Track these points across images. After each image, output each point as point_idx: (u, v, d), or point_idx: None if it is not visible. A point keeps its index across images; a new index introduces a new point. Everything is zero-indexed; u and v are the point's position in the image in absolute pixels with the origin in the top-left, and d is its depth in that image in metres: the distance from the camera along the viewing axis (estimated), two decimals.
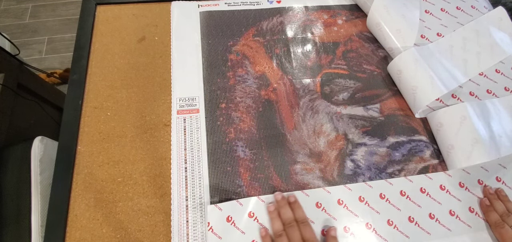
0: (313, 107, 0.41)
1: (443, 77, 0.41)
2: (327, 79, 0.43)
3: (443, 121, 0.38)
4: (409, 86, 0.40)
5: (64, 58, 1.21)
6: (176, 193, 0.34)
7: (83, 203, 0.34)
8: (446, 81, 0.40)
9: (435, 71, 0.40)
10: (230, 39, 0.45)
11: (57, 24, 1.29)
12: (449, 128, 0.37)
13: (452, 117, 0.37)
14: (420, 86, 0.39)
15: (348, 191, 0.36)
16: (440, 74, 0.40)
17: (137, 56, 0.43)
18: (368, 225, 0.34)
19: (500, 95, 0.42)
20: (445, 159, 0.38)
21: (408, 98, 0.41)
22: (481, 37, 0.46)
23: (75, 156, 0.36)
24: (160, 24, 0.46)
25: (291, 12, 0.48)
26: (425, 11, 0.49)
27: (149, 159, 0.36)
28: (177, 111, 0.39)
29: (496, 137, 0.36)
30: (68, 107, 0.38)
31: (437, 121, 0.38)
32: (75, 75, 0.40)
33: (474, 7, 0.50)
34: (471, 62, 0.44)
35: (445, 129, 0.37)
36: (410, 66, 0.40)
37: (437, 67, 0.41)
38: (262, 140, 0.38)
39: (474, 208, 0.36)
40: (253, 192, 0.35)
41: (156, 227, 0.33)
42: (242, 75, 0.42)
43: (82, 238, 0.32)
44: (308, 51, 0.45)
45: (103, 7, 0.47)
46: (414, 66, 0.40)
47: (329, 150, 0.38)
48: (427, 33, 0.47)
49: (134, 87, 0.41)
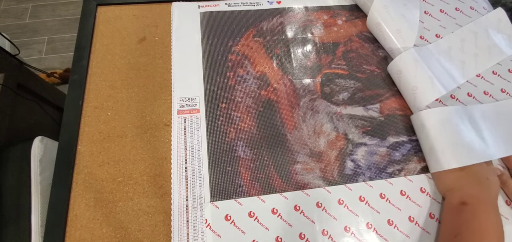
0: (313, 107, 0.41)
1: (442, 78, 0.41)
2: (327, 79, 0.43)
3: (425, 123, 0.38)
4: (409, 87, 0.40)
5: (64, 58, 1.22)
6: (176, 193, 0.34)
7: (83, 203, 0.34)
8: (445, 82, 0.40)
9: (434, 72, 0.40)
10: (230, 39, 0.45)
11: (57, 24, 1.29)
12: (432, 129, 0.37)
13: (430, 119, 0.37)
14: (420, 87, 0.39)
15: (349, 190, 0.36)
16: (439, 75, 0.41)
17: (137, 56, 0.43)
18: (368, 224, 0.34)
19: (496, 97, 0.42)
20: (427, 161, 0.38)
21: (408, 99, 0.41)
22: (479, 38, 0.46)
23: (75, 156, 0.36)
24: (160, 25, 0.46)
25: (291, 12, 0.48)
26: (425, 12, 0.49)
27: (149, 158, 0.37)
28: (178, 111, 0.39)
29: (474, 142, 0.36)
30: (68, 107, 0.39)
31: (420, 122, 0.38)
32: (75, 75, 0.41)
33: (472, 8, 0.50)
34: (469, 64, 0.44)
35: (426, 130, 0.38)
36: (410, 67, 0.40)
37: (436, 68, 0.41)
38: (262, 139, 0.38)
39: None
40: (254, 192, 0.35)
41: (156, 227, 0.33)
42: (242, 76, 0.42)
43: (82, 238, 0.32)
44: (308, 51, 0.45)
45: (103, 7, 0.47)
46: (414, 67, 0.40)
47: (329, 150, 0.38)
48: (426, 34, 0.47)
49: (135, 87, 0.41)
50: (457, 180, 0.34)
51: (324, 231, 0.33)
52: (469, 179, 0.34)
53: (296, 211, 0.34)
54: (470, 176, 0.34)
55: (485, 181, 0.34)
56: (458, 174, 0.34)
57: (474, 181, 0.34)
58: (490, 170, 0.35)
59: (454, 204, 0.33)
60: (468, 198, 0.32)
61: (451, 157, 0.35)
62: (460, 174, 0.34)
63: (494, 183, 0.34)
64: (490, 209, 0.32)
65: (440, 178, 0.36)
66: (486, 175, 0.34)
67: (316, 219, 0.34)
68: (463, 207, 0.32)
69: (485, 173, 0.34)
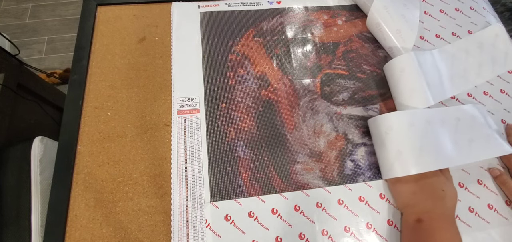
0: (313, 107, 0.41)
1: (432, 87, 0.39)
2: (327, 79, 0.43)
3: (372, 131, 0.38)
4: (407, 88, 0.40)
5: (64, 58, 1.22)
6: (176, 193, 0.34)
7: (83, 203, 0.34)
8: (434, 92, 0.39)
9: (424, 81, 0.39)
10: (230, 39, 0.45)
11: (57, 24, 1.29)
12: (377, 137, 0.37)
13: (378, 128, 0.37)
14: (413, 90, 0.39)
15: (348, 191, 0.36)
16: (430, 83, 0.39)
17: (137, 56, 0.43)
18: (368, 225, 0.34)
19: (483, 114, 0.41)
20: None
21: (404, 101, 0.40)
22: (470, 55, 0.44)
23: (75, 156, 0.36)
24: (160, 25, 0.46)
25: (291, 12, 0.48)
26: (425, 12, 0.49)
27: (149, 158, 0.37)
28: (177, 111, 0.39)
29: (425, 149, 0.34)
30: (68, 107, 0.39)
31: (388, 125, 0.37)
32: (75, 75, 0.41)
33: (472, 8, 0.50)
34: (458, 80, 0.43)
35: (375, 139, 0.37)
36: (396, 73, 0.40)
37: (426, 77, 0.40)
38: (262, 140, 0.38)
39: (473, 208, 0.36)
40: (253, 192, 0.35)
41: (156, 227, 0.33)
42: (242, 76, 0.42)
43: (82, 238, 0.32)
44: (308, 51, 0.45)
45: (103, 7, 0.47)
46: (400, 74, 0.40)
47: (329, 150, 0.38)
48: (426, 34, 0.47)
49: (135, 87, 0.41)
50: (412, 195, 0.33)
51: (324, 231, 0.34)
52: (424, 193, 0.33)
53: (296, 211, 0.34)
54: (424, 190, 0.33)
55: (440, 192, 0.33)
56: (412, 188, 0.34)
57: (428, 195, 0.33)
58: (446, 181, 0.34)
59: (410, 222, 0.32)
60: (423, 215, 0.32)
61: (413, 162, 0.33)
62: (414, 188, 0.33)
63: (450, 194, 0.33)
64: (445, 224, 0.31)
65: (396, 193, 0.35)
66: (441, 187, 0.33)
67: (316, 219, 0.34)
68: (419, 225, 0.31)
69: (440, 185, 0.33)
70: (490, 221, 0.35)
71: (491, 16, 0.50)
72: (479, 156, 0.36)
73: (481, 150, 0.35)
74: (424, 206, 0.32)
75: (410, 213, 0.33)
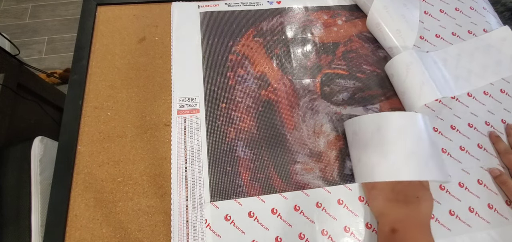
0: (313, 107, 0.41)
1: (438, 85, 0.39)
2: (327, 79, 0.43)
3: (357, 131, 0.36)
4: (400, 90, 0.41)
5: (64, 58, 1.22)
6: (176, 193, 0.34)
7: (83, 203, 0.34)
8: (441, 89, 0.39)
9: (428, 77, 0.39)
10: (230, 39, 0.45)
11: (57, 24, 1.29)
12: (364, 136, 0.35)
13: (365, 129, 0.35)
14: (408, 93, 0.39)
15: (348, 191, 0.36)
16: (435, 80, 0.39)
17: (137, 56, 0.43)
18: (368, 225, 0.34)
19: (481, 116, 0.41)
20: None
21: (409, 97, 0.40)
22: (475, 57, 0.44)
23: (75, 156, 0.36)
24: (160, 25, 0.46)
25: (291, 12, 0.48)
26: (425, 12, 0.49)
27: (149, 158, 0.37)
28: (177, 111, 0.39)
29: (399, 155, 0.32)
30: (68, 107, 0.39)
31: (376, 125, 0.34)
32: (75, 75, 0.41)
33: (472, 8, 0.50)
34: (462, 81, 0.42)
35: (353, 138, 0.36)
36: (402, 70, 0.40)
37: (430, 74, 0.40)
38: (262, 140, 0.38)
39: (473, 208, 0.36)
40: (253, 192, 0.35)
41: (156, 227, 0.33)
42: (242, 76, 0.42)
43: (82, 238, 0.32)
44: (308, 51, 0.45)
45: (103, 7, 0.47)
46: (405, 71, 0.40)
47: (329, 150, 0.38)
48: (426, 34, 0.47)
49: (135, 87, 0.41)
50: (387, 202, 0.33)
51: (324, 231, 0.34)
52: (397, 201, 0.33)
53: (296, 211, 0.34)
54: (398, 198, 0.33)
55: (414, 200, 0.32)
56: (387, 194, 0.33)
57: (402, 202, 0.32)
58: (421, 187, 0.33)
59: (386, 231, 0.32)
60: (397, 224, 0.31)
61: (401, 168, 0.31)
62: (389, 195, 0.33)
63: (425, 200, 0.32)
64: (419, 232, 0.31)
65: (371, 199, 0.35)
66: (415, 193, 0.33)
67: (315, 219, 0.34)
68: (393, 235, 0.31)
69: (414, 191, 0.33)
70: (490, 221, 0.35)
71: (491, 16, 0.50)
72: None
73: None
74: (398, 214, 0.32)
75: (385, 222, 0.33)
